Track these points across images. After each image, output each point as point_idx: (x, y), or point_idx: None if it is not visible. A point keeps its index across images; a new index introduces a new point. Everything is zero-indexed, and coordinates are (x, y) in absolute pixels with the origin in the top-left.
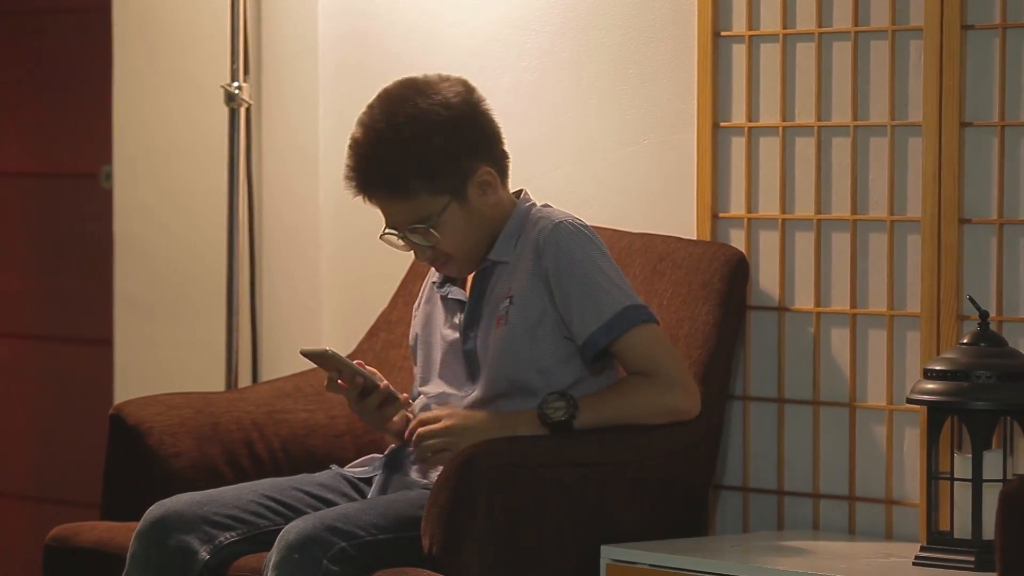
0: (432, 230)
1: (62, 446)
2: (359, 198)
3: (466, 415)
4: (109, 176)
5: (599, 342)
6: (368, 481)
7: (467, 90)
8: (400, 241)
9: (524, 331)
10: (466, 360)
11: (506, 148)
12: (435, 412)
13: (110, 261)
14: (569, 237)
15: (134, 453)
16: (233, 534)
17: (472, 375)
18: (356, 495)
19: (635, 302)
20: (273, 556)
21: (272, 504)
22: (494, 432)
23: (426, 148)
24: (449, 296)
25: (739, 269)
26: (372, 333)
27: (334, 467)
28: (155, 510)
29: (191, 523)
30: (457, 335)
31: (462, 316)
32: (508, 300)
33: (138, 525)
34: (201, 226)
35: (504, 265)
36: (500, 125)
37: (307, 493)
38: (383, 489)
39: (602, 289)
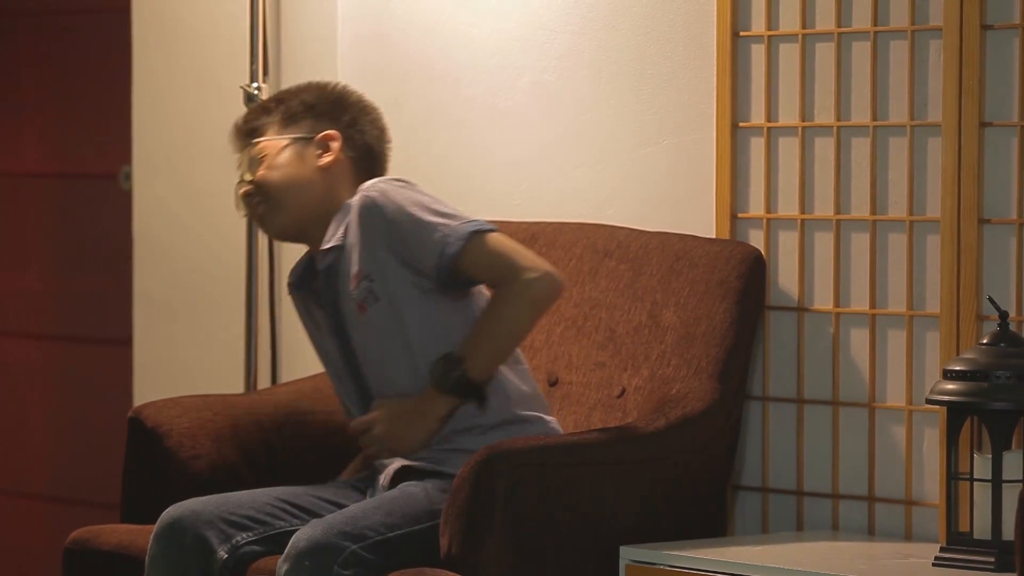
0: (259, 152)
1: (82, 446)
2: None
3: (389, 413)
4: (129, 176)
5: (443, 270)
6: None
7: (350, 90)
8: (237, 184)
9: (399, 298)
10: (344, 355)
11: (385, 154)
12: (367, 417)
13: (130, 261)
14: (381, 196)
15: (153, 456)
16: (249, 534)
17: (355, 374)
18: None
19: (459, 221)
20: (284, 565)
21: (287, 507)
22: (415, 425)
23: (293, 99)
24: (299, 296)
25: (756, 267)
26: None
27: (341, 480)
28: (171, 511)
29: (208, 521)
30: (323, 336)
31: (326, 316)
32: (365, 281)
33: (155, 527)
34: (221, 226)
35: (339, 249)
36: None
37: (320, 497)
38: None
39: (425, 222)
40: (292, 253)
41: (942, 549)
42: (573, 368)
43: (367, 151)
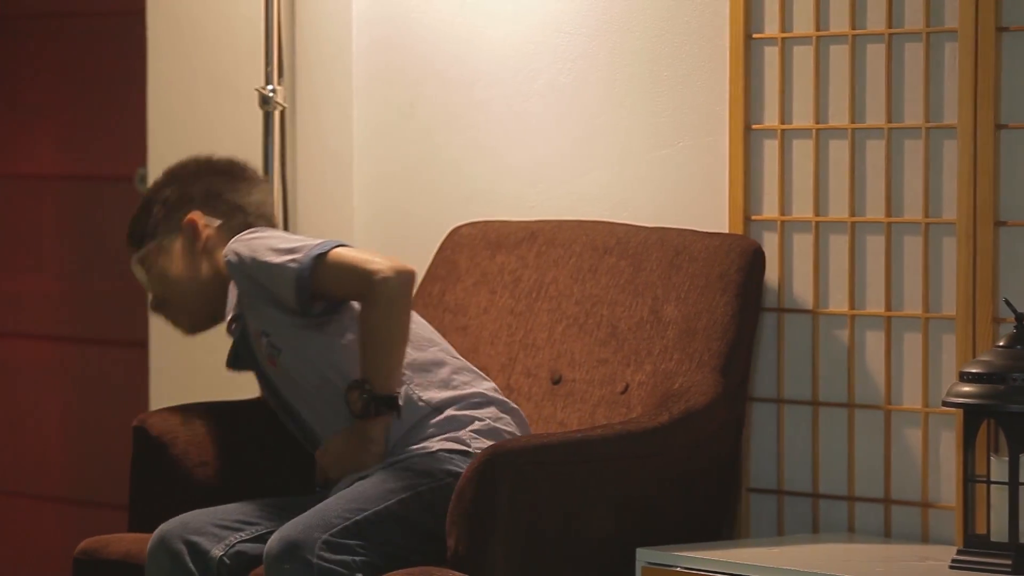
0: (148, 268)
1: (97, 449)
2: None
3: (335, 456)
4: (144, 179)
5: (303, 301)
6: None
7: (199, 158)
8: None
9: (296, 344)
10: (285, 413)
11: (249, 199)
12: (320, 468)
13: None
14: (236, 256)
15: (159, 465)
16: (242, 534)
17: (299, 425)
18: None
19: (302, 251)
20: (265, 574)
21: (276, 511)
22: (361, 454)
23: (154, 203)
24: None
25: (756, 260)
26: None
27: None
28: (161, 528)
29: (197, 529)
30: (270, 397)
31: (257, 379)
32: (264, 337)
33: (148, 546)
34: None
35: (239, 316)
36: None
37: (308, 501)
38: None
39: (278, 267)
40: None
41: (959, 551)
42: (576, 365)
43: (231, 210)
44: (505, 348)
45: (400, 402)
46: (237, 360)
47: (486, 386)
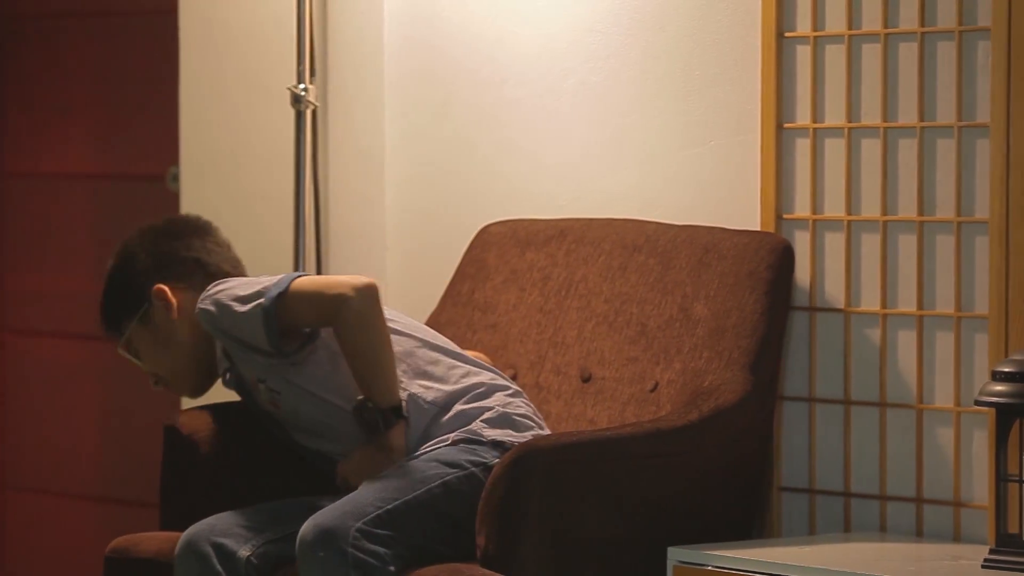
0: (135, 351)
1: (128, 447)
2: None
3: (357, 470)
4: (176, 178)
5: (273, 341)
6: None
7: (140, 228)
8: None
9: (290, 383)
10: (300, 446)
11: (205, 251)
12: (344, 482)
13: None
14: (206, 315)
15: (190, 464)
16: (269, 534)
17: (318, 458)
18: None
19: (263, 291)
20: (299, 562)
21: (304, 512)
22: (382, 462)
23: (112, 292)
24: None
25: (785, 257)
26: None
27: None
28: (187, 531)
29: (224, 531)
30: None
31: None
32: (261, 384)
33: (176, 550)
34: (267, 228)
35: (233, 368)
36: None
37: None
38: None
39: (241, 313)
40: (338, 255)
41: (991, 551)
42: (605, 363)
43: (190, 268)
44: (535, 346)
45: (405, 406)
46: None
47: (486, 375)
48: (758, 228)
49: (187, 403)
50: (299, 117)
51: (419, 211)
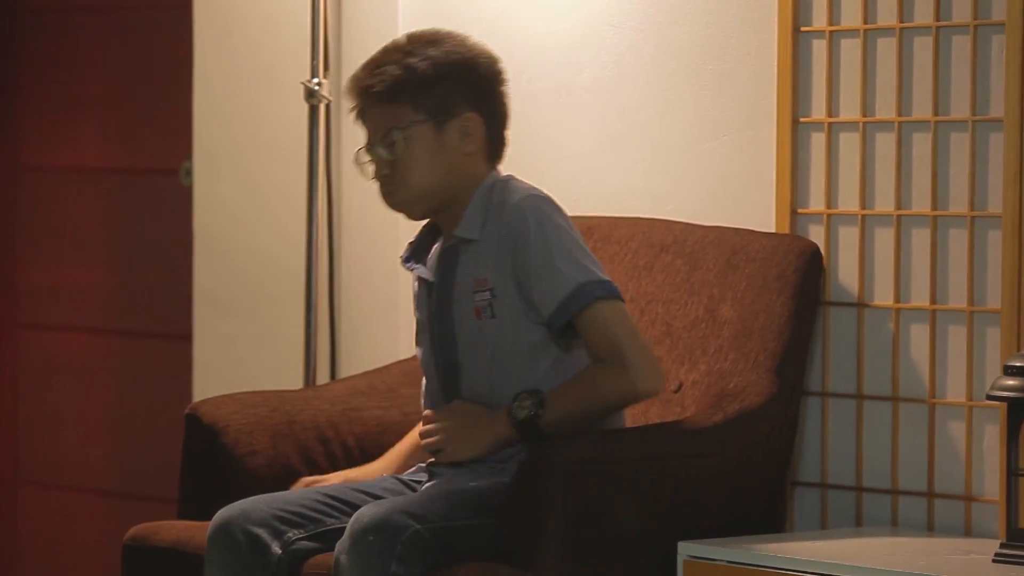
0: (399, 141)
1: (141, 441)
2: (353, 111)
3: (458, 419)
4: (189, 172)
5: (558, 321)
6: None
7: (494, 60)
8: (366, 157)
9: (511, 325)
10: (439, 345)
11: (508, 134)
12: (433, 414)
13: (190, 257)
14: (528, 215)
15: (210, 452)
16: (300, 531)
17: (447, 367)
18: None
19: (592, 278)
20: (347, 540)
21: (336, 503)
22: (477, 435)
23: (429, 69)
24: (414, 271)
25: (813, 261)
26: None
27: (387, 476)
28: (222, 513)
29: (259, 520)
30: (424, 317)
31: (429, 297)
32: (488, 292)
33: (208, 531)
34: (280, 222)
35: (470, 244)
36: (576, 122)
37: (368, 494)
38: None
39: (557, 268)
40: (351, 249)
41: (1002, 545)
42: None
43: (499, 129)
44: None
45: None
46: (412, 258)
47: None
48: (773, 222)
49: (200, 397)
50: (313, 112)
51: None
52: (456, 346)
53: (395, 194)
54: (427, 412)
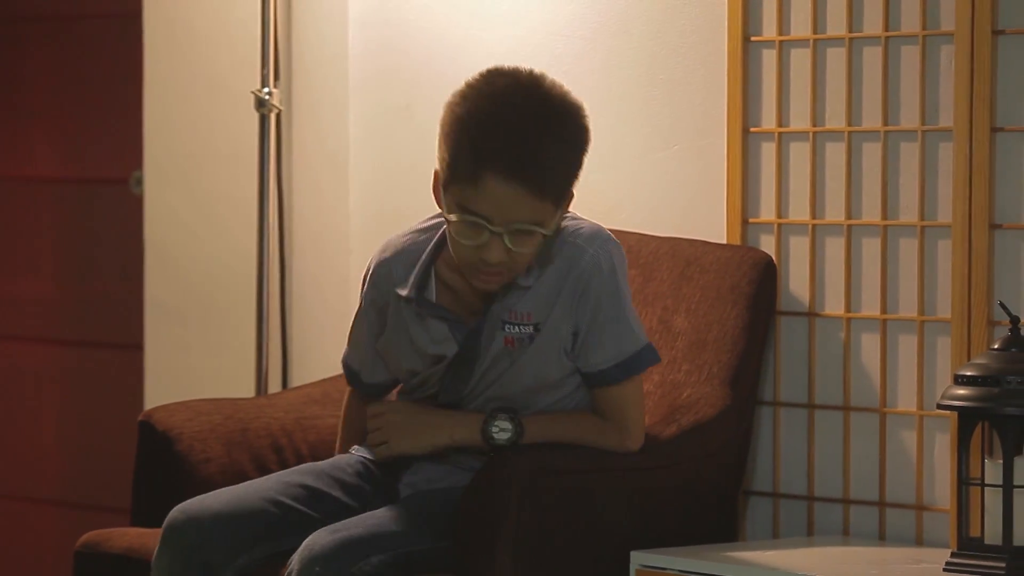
0: (537, 237)
1: (92, 451)
2: (485, 178)
3: (407, 413)
4: (140, 182)
5: (610, 374)
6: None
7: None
8: (484, 236)
9: (544, 360)
10: (453, 370)
11: None
12: (381, 405)
13: (141, 266)
14: (602, 263)
15: (164, 459)
16: (258, 551)
17: (457, 388)
18: (368, 483)
19: (647, 340)
20: (295, 567)
21: (296, 526)
22: (428, 436)
23: (575, 160)
24: (429, 300)
25: (767, 272)
26: None
27: (354, 450)
28: (177, 517)
29: (213, 529)
30: (442, 349)
31: (447, 325)
32: (531, 327)
33: (160, 531)
34: (231, 231)
35: (518, 288)
36: None
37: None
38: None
39: (628, 326)
40: (302, 259)
41: (953, 554)
42: None
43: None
44: None
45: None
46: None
47: None
48: (724, 231)
49: (151, 406)
50: (263, 121)
51: (384, 214)
52: (471, 374)
53: (495, 283)
54: (373, 407)
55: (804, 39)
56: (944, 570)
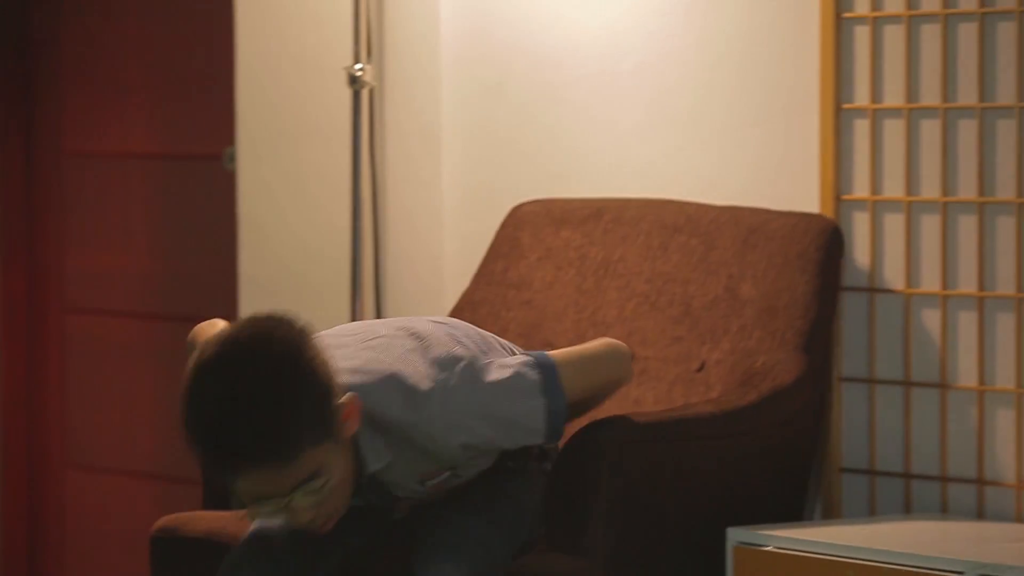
0: (324, 484)
1: None
2: (227, 480)
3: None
4: (233, 158)
5: (557, 421)
6: None
7: (288, 324)
8: (270, 510)
9: (473, 471)
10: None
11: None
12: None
13: (234, 242)
14: (458, 433)
15: None
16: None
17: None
18: None
19: (527, 359)
20: None
21: (355, 534)
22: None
23: (297, 407)
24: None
25: (834, 239)
26: (455, 315)
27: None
28: (243, 549)
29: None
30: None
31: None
32: (448, 473)
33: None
34: (324, 208)
35: (387, 468)
36: (620, 108)
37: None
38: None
39: (519, 424)
40: (395, 236)
41: None
42: (648, 343)
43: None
44: (573, 324)
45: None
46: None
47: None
48: (817, 208)
49: None
50: (356, 97)
51: (477, 191)
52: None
53: (328, 523)
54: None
55: (898, 15)
56: None
